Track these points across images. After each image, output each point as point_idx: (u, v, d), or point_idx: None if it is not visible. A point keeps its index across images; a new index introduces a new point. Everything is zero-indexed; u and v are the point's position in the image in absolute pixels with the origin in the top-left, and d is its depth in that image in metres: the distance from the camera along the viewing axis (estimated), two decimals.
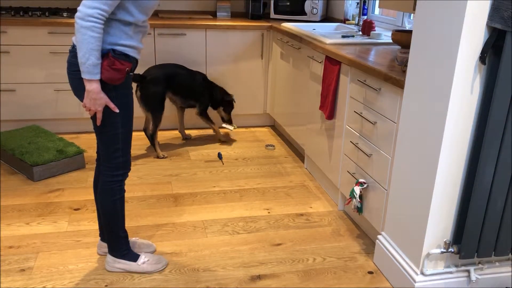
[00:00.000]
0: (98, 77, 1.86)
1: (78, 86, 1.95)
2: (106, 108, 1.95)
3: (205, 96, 3.77)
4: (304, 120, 3.39)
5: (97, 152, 2.19)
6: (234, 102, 3.95)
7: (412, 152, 2.06)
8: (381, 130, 2.34)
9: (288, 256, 2.43)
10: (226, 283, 2.20)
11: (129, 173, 3.26)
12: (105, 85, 1.91)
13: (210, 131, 4.19)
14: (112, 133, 2.01)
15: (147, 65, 3.86)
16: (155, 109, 3.53)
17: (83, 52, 1.80)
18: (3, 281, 2.15)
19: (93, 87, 1.87)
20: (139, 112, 4.00)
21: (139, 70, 3.86)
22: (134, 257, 2.24)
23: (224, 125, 3.90)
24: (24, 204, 2.82)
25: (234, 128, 3.89)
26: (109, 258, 2.23)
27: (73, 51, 1.93)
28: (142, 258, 2.25)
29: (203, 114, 3.80)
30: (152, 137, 3.61)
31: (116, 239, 2.20)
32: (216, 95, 3.82)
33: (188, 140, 3.97)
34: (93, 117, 1.99)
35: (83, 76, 1.85)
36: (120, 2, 1.84)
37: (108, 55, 1.86)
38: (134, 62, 1.98)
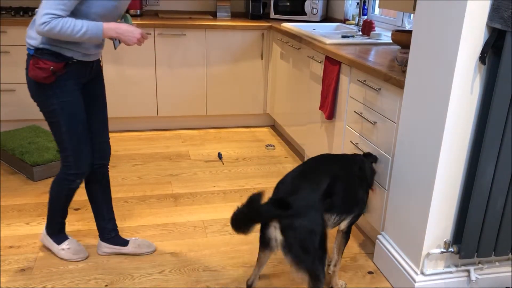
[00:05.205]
0: (102, 31, 1.86)
1: (35, 91, 1.98)
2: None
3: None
4: (304, 120, 3.39)
5: None
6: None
7: (412, 152, 2.06)
8: (381, 130, 2.34)
9: None
10: (226, 283, 2.20)
11: (129, 173, 3.27)
12: (42, 84, 1.95)
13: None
14: (57, 133, 2.05)
15: (147, 65, 3.86)
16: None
17: (74, 38, 1.83)
18: (3, 281, 2.15)
19: (110, 31, 1.88)
20: (134, 112, 4.00)
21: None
22: (58, 240, 2.31)
23: None
24: (24, 204, 2.82)
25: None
26: (44, 230, 2.35)
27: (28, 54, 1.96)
28: (65, 244, 2.31)
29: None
30: None
31: (52, 219, 2.29)
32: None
33: None
34: (47, 121, 2.03)
35: (100, 38, 1.88)
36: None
37: (33, 55, 1.91)
38: (75, 61, 1.96)
